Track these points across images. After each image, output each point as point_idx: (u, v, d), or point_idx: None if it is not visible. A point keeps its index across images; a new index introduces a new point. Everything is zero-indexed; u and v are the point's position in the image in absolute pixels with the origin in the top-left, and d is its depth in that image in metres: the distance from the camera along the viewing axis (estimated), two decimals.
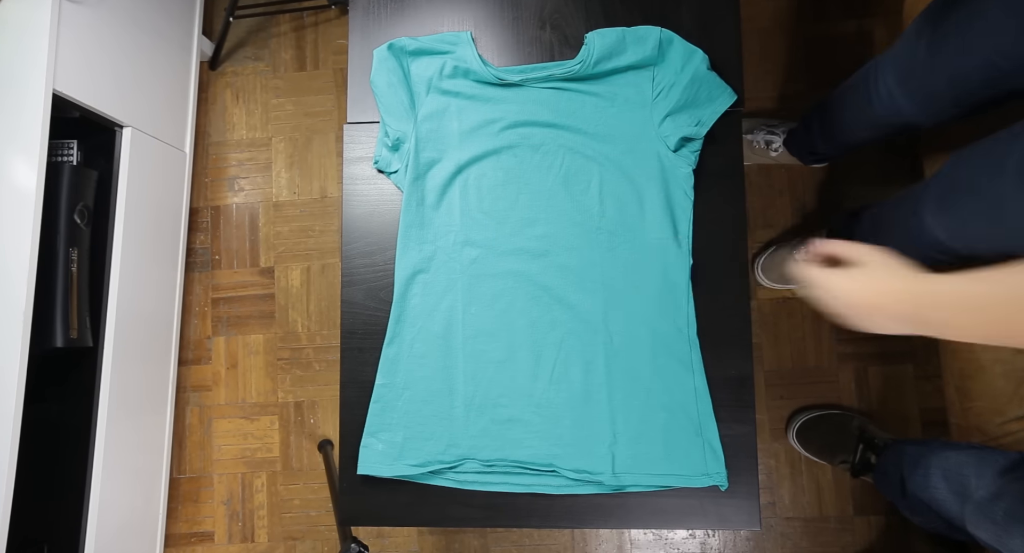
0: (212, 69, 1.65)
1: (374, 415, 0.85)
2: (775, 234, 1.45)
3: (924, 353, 1.41)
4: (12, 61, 1.07)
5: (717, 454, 0.81)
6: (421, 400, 0.85)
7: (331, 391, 1.53)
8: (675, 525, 0.84)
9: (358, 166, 0.92)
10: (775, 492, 1.41)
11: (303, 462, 1.53)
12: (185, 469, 1.56)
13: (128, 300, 1.31)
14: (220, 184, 1.63)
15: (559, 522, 0.84)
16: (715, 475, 0.81)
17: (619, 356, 0.83)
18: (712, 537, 1.42)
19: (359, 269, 0.90)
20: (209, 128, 1.64)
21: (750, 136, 1.41)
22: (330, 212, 1.59)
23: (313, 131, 1.61)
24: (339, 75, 1.62)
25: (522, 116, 0.86)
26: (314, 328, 1.56)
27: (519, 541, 1.45)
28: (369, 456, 0.84)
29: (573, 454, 0.82)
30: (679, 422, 0.82)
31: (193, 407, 1.57)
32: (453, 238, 0.86)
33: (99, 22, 1.22)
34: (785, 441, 1.42)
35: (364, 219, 0.90)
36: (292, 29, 1.65)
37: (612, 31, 0.85)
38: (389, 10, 0.94)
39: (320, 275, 1.57)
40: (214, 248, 1.61)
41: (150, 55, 1.40)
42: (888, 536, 1.39)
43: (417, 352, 0.85)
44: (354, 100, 0.93)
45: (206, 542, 1.54)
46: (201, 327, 1.59)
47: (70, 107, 1.17)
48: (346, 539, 1.15)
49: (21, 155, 1.06)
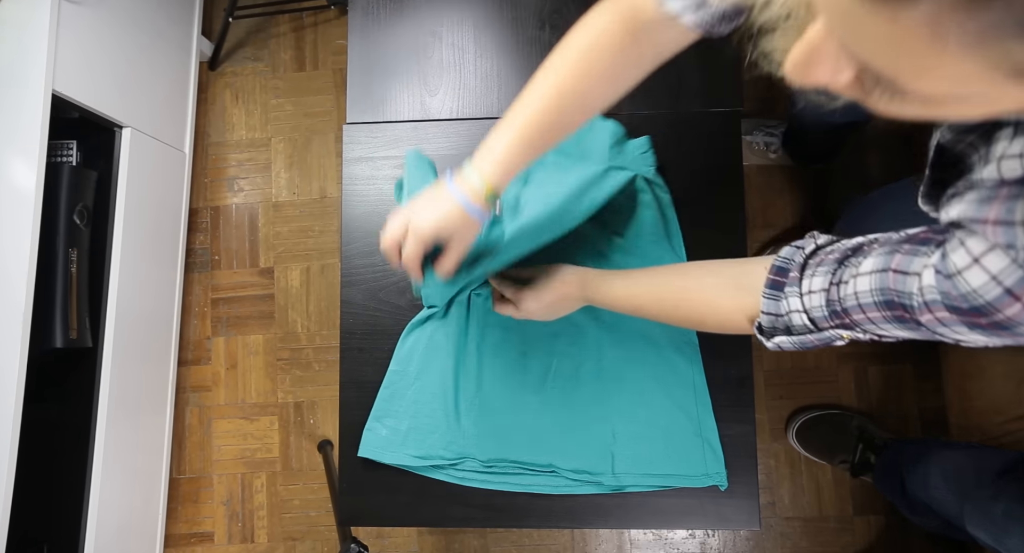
0: (211, 69, 1.65)
1: (383, 400, 0.85)
2: (775, 234, 1.45)
3: (923, 353, 1.41)
4: (12, 61, 1.07)
5: (717, 454, 0.81)
6: (431, 393, 0.85)
7: (331, 391, 1.53)
8: (675, 525, 0.85)
9: (357, 166, 0.92)
10: (775, 492, 1.42)
11: (303, 462, 1.53)
12: (185, 469, 1.56)
13: (128, 300, 1.31)
14: (220, 184, 1.63)
15: (559, 522, 0.84)
16: (715, 475, 0.81)
17: (618, 356, 0.83)
18: (712, 537, 1.42)
19: (359, 269, 0.90)
20: (209, 128, 1.64)
21: (749, 137, 1.41)
22: (330, 212, 1.59)
23: (312, 131, 1.61)
24: (338, 75, 1.62)
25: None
26: (314, 328, 1.56)
27: (519, 541, 1.45)
28: (372, 440, 0.84)
29: (573, 454, 0.82)
30: (679, 422, 0.82)
31: (193, 407, 1.57)
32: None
33: (99, 22, 1.22)
34: (785, 441, 1.42)
35: (364, 219, 0.90)
36: (291, 29, 1.65)
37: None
38: (388, 10, 0.94)
39: (320, 275, 1.57)
40: (214, 248, 1.61)
41: (150, 55, 1.40)
42: (888, 536, 1.39)
43: (435, 343, 0.86)
44: (353, 100, 0.93)
45: (206, 542, 1.53)
46: (201, 327, 1.59)
47: (70, 107, 1.17)
48: (346, 539, 1.15)
49: (21, 155, 1.06)
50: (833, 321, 0.47)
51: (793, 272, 0.51)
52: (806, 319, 0.49)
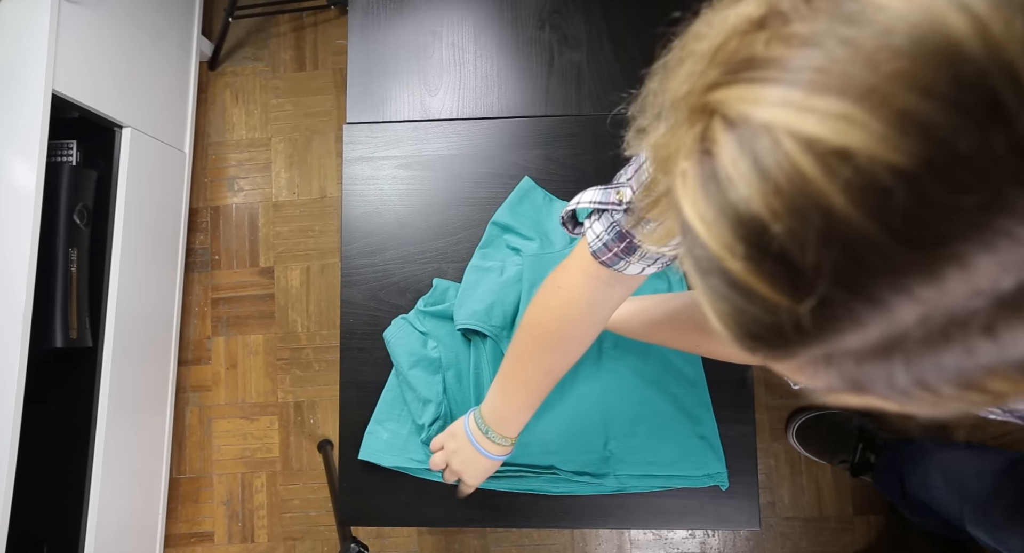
0: (211, 69, 1.65)
1: (384, 404, 0.85)
2: None
3: None
4: (12, 61, 1.07)
5: (718, 454, 0.81)
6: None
7: (331, 391, 1.53)
8: (675, 525, 0.85)
9: (358, 166, 0.91)
10: (775, 492, 1.41)
11: (303, 462, 1.53)
12: (185, 469, 1.56)
13: (128, 300, 1.31)
14: (220, 184, 1.63)
15: (559, 522, 0.84)
16: (716, 475, 0.81)
17: (617, 356, 0.83)
18: (712, 537, 1.42)
19: (359, 269, 0.90)
20: (209, 128, 1.64)
21: None
22: (330, 212, 1.59)
23: (313, 131, 1.61)
24: (338, 75, 1.62)
25: None
26: (314, 328, 1.56)
27: (519, 541, 1.45)
28: (373, 443, 0.84)
29: (573, 456, 0.82)
30: (679, 422, 0.81)
31: (193, 407, 1.57)
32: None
33: (99, 22, 1.22)
34: (785, 441, 1.42)
35: (364, 219, 0.90)
36: (291, 29, 1.65)
37: None
38: (388, 10, 0.94)
39: (320, 275, 1.57)
40: (214, 248, 1.61)
41: (150, 55, 1.40)
42: (888, 536, 1.39)
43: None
44: (353, 100, 0.93)
45: (206, 542, 1.53)
46: (201, 327, 1.59)
47: (69, 107, 1.16)
48: (346, 539, 1.15)
49: (21, 155, 1.06)
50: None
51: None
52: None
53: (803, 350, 0.22)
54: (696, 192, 0.23)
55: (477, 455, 0.69)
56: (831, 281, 0.19)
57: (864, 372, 0.21)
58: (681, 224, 0.24)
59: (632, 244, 0.49)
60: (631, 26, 0.87)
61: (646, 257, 0.50)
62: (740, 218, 0.20)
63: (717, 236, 0.21)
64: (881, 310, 0.19)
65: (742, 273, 0.21)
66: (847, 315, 0.19)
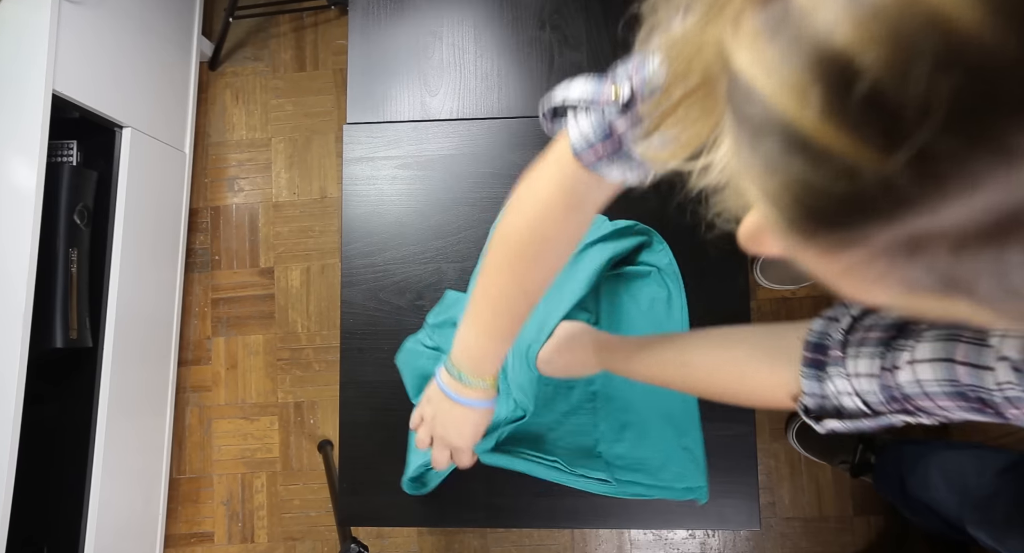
0: (212, 69, 1.65)
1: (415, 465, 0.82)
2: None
3: None
4: (12, 61, 1.07)
5: (700, 468, 0.79)
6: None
7: (331, 391, 1.53)
8: (675, 525, 0.84)
9: (358, 166, 0.92)
10: (775, 492, 1.41)
11: (303, 462, 1.53)
12: (185, 469, 1.56)
13: (128, 300, 1.31)
14: (220, 184, 1.63)
15: (559, 522, 0.84)
16: (696, 489, 0.79)
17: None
18: (712, 537, 1.42)
19: (359, 269, 0.90)
20: (209, 128, 1.64)
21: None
22: (330, 212, 1.59)
23: (313, 131, 1.61)
24: (339, 75, 1.62)
25: None
26: (314, 328, 1.56)
27: (519, 541, 1.45)
28: (412, 488, 0.83)
29: (571, 456, 0.81)
30: (664, 432, 0.80)
31: (193, 408, 1.57)
32: None
33: (99, 22, 1.22)
34: (785, 441, 1.42)
35: (364, 219, 0.90)
36: (292, 29, 1.65)
37: None
38: (389, 10, 0.94)
39: (320, 275, 1.57)
40: (214, 248, 1.61)
41: (150, 55, 1.40)
42: (888, 536, 1.39)
43: None
44: (354, 100, 0.93)
45: (206, 542, 1.53)
46: (201, 327, 1.59)
47: (70, 107, 1.17)
48: (346, 539, 1.15)
49: (21, 155, 1.06)
50: (892, 406, 0.43)
51: (833, 350, 0.46)
52: (859, 402, 0.45)
53: (883, 230, 0.17)
54: (756, 37, 0.19)
55: (457, 407, 0.62)
56: (941, 123, 0.14)
57: (964, 263, 0.16)
58: (729, 86, 0.21)
59: (621, 148, 0.44)
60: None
61: (632, 163, 0.46)
62: (819, 54, 0.16)
63: (785, 81, 0.17)
64: (1006, 165, 0.14)
65: (815, 124, 0.17)
66: (958, 172, 0.15)
